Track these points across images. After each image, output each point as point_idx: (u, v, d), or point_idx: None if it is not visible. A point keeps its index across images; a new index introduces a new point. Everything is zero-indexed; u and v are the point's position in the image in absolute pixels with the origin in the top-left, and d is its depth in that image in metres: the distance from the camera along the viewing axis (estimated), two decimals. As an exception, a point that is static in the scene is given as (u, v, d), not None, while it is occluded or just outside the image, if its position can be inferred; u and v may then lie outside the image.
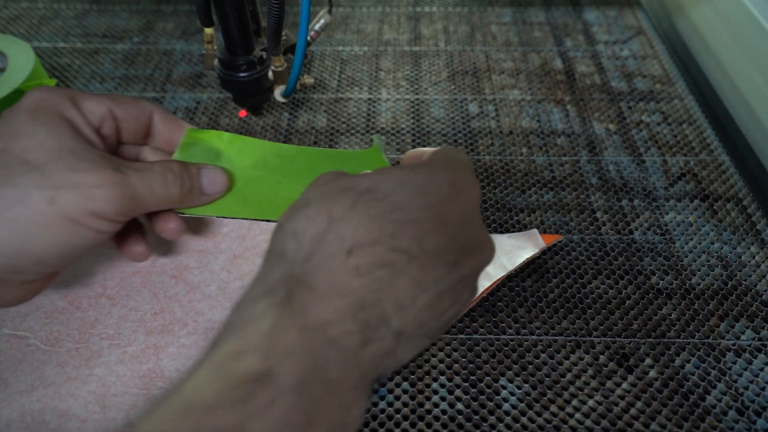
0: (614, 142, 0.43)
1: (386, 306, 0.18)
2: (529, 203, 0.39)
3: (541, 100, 0.47)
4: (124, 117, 0.25)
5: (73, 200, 0.21)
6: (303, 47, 0.35)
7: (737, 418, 0.28)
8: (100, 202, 0.21)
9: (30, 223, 0.21)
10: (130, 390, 0.27)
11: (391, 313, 0.18)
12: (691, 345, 0.31)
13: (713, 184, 0.40)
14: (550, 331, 0.31)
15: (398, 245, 0.18)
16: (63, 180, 0.21)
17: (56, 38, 0.54)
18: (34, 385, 0.27)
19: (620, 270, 0.35)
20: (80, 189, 0.21)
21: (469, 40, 0.54)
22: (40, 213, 0.21)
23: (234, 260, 0.33)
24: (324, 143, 0.43)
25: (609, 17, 0.57)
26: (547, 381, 0.29)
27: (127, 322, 0.30)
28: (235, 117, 0.45)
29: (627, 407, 0.28)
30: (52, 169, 0.21)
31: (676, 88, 0.48)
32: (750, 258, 0.35)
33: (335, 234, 0.18)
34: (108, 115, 0.25)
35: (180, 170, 0.25)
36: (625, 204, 0.39)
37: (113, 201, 0.22)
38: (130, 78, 0.49)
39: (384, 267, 0.18)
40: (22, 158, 0.21)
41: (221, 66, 0.38)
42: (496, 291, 0.33)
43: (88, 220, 0.22)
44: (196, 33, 0.55)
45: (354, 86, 0.49)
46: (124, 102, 0.25)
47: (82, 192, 0.21)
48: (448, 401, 0.28)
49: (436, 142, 0.43)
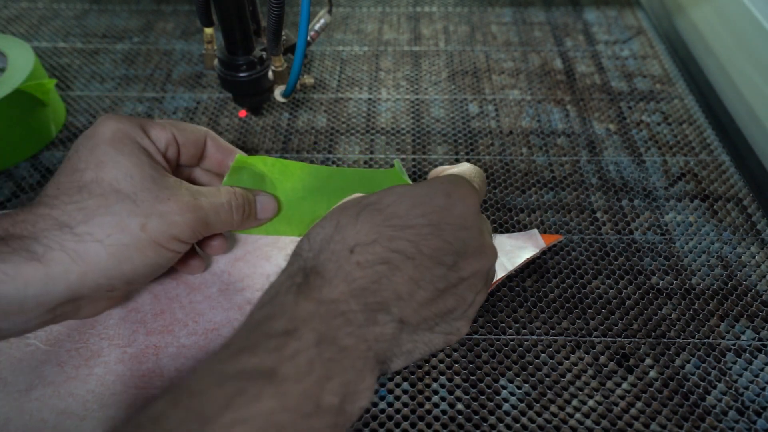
0: (614, 142, 0.43)
1: (386, 295, 0.21)
2: (529, 203, 0.39)
3: (541, 100, 0.47)
4: (184, 142, 0.28)
5: (159, 227, 0.24)
6: (303, 47, 0.35)
7: (737, 418, 0.28)
8: (180, 228, 0.25)
9: (126, 247, 0.23)
10: (129, 389, 0.27)
11: (390, 302, 0.21)
12: (691, 345, 0.31)
13: (713, 184, 0.40)
14: (550, 331, 0.31)
15: (395, 246, 0.21)
16: (151, 209, 0.24)
17: (56, 38, 0.54)
18: (33, 383, 0.27)
19: (620, 270, 0.34)
20: (165, 216, 0.24)
21: (469, 40, 0.54)
22: (135, 238, 0.24)
23: (235, 263, 0.33)
24: (324, 143, 0.43)
25: (609, 17, 0.57)
26: (547, 381, 0.29)
27: (127, 322, 0.30)
28: (235, 117, 0.45)
29: (627, 407, 0.28)
30: (142, 198, 0.24)
31: (676, 88, 0.48)
32: (750, 258, 0.35)
33: (341, 236, 0.21)
34: (172, 141, 0.27)
35: (242, 199, 0.28)
36: (625, 204, 0.39)
37: (190, 227, 0.25)
38: (130, 78, 0.49)
39: (382, 264, 0.21)
40: (114, 188, 0.24)
41: (221, 66, 0.38)
42: (496, 291, 0.33)
43: (170, 244, 0.25)
44: (196, 33, 0.55)
45: (354, 86, 0.49)
46: (184, 128, 0.28)
47: (166, 219, 0.24)
48: (448, 401, 0.28)
49: (436, 142, 0.43)
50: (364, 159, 0.42)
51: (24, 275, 0.22)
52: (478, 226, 0.23)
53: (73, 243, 0.23)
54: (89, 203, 0.23)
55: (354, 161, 0.42)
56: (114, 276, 0.24)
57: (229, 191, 0.28)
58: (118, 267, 0.23)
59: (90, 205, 0.23)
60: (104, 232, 0.23)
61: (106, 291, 0.24)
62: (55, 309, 0.24)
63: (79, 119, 0.45)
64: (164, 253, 0.25)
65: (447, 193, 0.22)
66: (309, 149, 0.43)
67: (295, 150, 0.42)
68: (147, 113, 0.45)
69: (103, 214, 0.23)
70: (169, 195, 0.25)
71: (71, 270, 0.22)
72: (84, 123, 0.45)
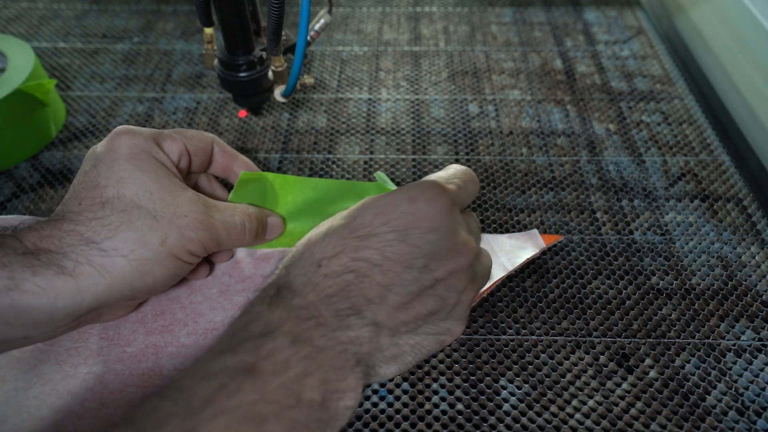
0: (614, 142, 0.43)
1: (355, 301, 0.22)
2: (529, 203, 0.39)
3: (541, 100, 0.47)
4: (195, 151, 0.29)
5: (177, 241, 0.26)
6: (303, 47, 0.35)
7: (737, 418, 0.28)
8: (194, 244, 0.26)
9: (148, 261, 0.25)
10: (128, 388, 0.27)
11: (361, 307, 0.22)
12: (691, 345, 0.31)
13: (713, 184, 0.40)
14: (550, 332, 0.31)
15: (361, 256, 0.22)
16: (170, 225, 0.25)
17: (56, 38, 0.54)
18: (31, 382, 0.27)
19: (620, 270, 0.34)
20: (182, 232, 0.26)
21: (469, 40, 0.54)
22: (156, 252, 0.25)
23: (236, 264, 0.33)
24: (324, 143, 0.43)
25: (609, 17, 0.57)
26: (547, 381, 0.29)
27: (127, 322, 0.30)
28: (235, 117, 0.45)
29: (627, 407, 0.28)
30: (161, 214, 0.25)
31: (676, 88, 0.48)
32: (750, 258, 0.35)
33: (309, 253, 0.23)
34: (184, 151, 0.28)
35: (257, 222, 0.29)
36: (625, 204, 0.39)
37: (204, 244, 0.27)
38: (130, 78, 0.49)
39: (349, 273, 0.22)
40: (136, 204, 0.25)
41: (221, 66, 0.38)
42: (496, 291, 0.33)
43: (186, 257, 0.26)
44: (196, 33, 0.55)
45: (354, 86, 0.49)
46: (192, 136, 0.29)
47: (183, 235, 0.26)
48: (448, 401, 0.28)
49: (436, 142, 0.43)
50: (364, 159, 0.42)
51: (55, 288, 0.23)
52: (449, 226, 0.23)
53: (100, 258, 0.24)
54: (112, 219, 0.25)
55: (354, 161, 0.42)
56: (137, 288, 0.25)
57: (243, 212, 0.29)
58: (142, 279, 0.25)
59: (113, 221, 0.25)
60: (128, 248, 0.25)
61: (129, 300, 0.26)
62: (80, 318, 0.25)
63: (79, 119, 0.45)
64: (181, 265, 0.27)
65: (411, 198, 0.23)
66: (309, 149, 0.43)
67: (295, 150, 0.42)
68: (147, 113, 0.45)
69: (126, 230, 0.25)
70: (186, 211, 0.26)
71: (99, 283, 0.24)
72: (84, 123, 0.45)
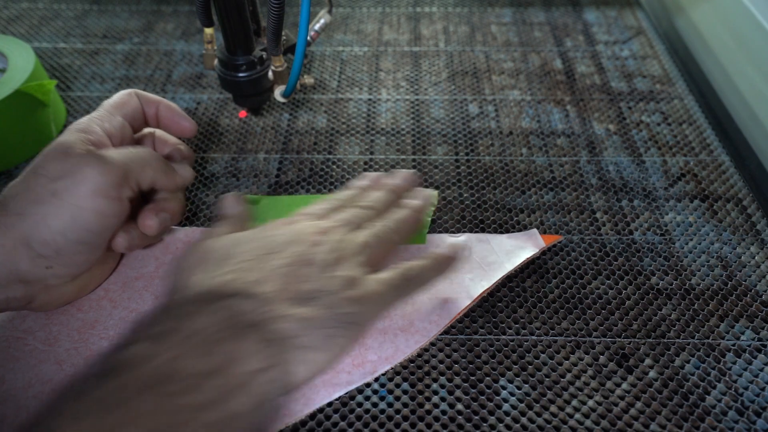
0: (614, 142, 0.43)
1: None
2: (529, 204, 0.39)
3: (541, 101, 0.47)
4: (128, 118, 0.32)
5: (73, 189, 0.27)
6: (303, 47, 0.35)
7: (737, 418, 0.28)
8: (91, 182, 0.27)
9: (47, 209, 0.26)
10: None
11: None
12: (691, 345, 0.31)
13: (713, 184, 0.40)
14: (550, 332, 0.31)
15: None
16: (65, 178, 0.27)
17: (56, 39, 0.54)
18: (30, 382, 0.27)
19: (620, 270, 0.34)
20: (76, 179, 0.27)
21: (469, 40, 0.54)
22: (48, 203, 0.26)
23: None
24: (324, 144, 0.43)
25: (609, 17, 0.57)
26: (547, 381, 0.29)
27: (127, 323, 0.30)
28: (235, 117, 0.45)
29: (627, 407, 0.28)
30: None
31: (676, 88, 0.48)
32: (750, 258, 0.35)
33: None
34: (116, 128, 0.31)
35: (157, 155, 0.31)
36: (625, 204, 0.39)
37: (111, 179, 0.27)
38: (130, 78, 0.49)
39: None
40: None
41: (221, 66, 0.38)
42: (496, 291, 0.33)
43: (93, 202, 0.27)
44: (196, 33, 0.55)
45: (354, 87, 0.49)
46: (112, 108, 0.32)
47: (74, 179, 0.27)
48: (448, 402, 0.28)
49: (436, 142, 0.43)
50: (364, 160, 0.42)
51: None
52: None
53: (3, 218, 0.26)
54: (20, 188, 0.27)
55: (354, 162, 0.42)
56: (44, 240, 0.26)
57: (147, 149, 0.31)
58: (39, 228, 0.26)
59: (20, 190, 0.27)
60: (24, 206, 0.26)
61: (45, 269, 0.27)
62: (6, 293, 0.26)
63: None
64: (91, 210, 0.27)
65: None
66: (309, 150, 0.43)
67: (295, 150, 0.42)
68: (147, 113, 0.45)
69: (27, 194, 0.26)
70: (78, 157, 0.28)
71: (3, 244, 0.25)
72: (84, 123, 0.45)
